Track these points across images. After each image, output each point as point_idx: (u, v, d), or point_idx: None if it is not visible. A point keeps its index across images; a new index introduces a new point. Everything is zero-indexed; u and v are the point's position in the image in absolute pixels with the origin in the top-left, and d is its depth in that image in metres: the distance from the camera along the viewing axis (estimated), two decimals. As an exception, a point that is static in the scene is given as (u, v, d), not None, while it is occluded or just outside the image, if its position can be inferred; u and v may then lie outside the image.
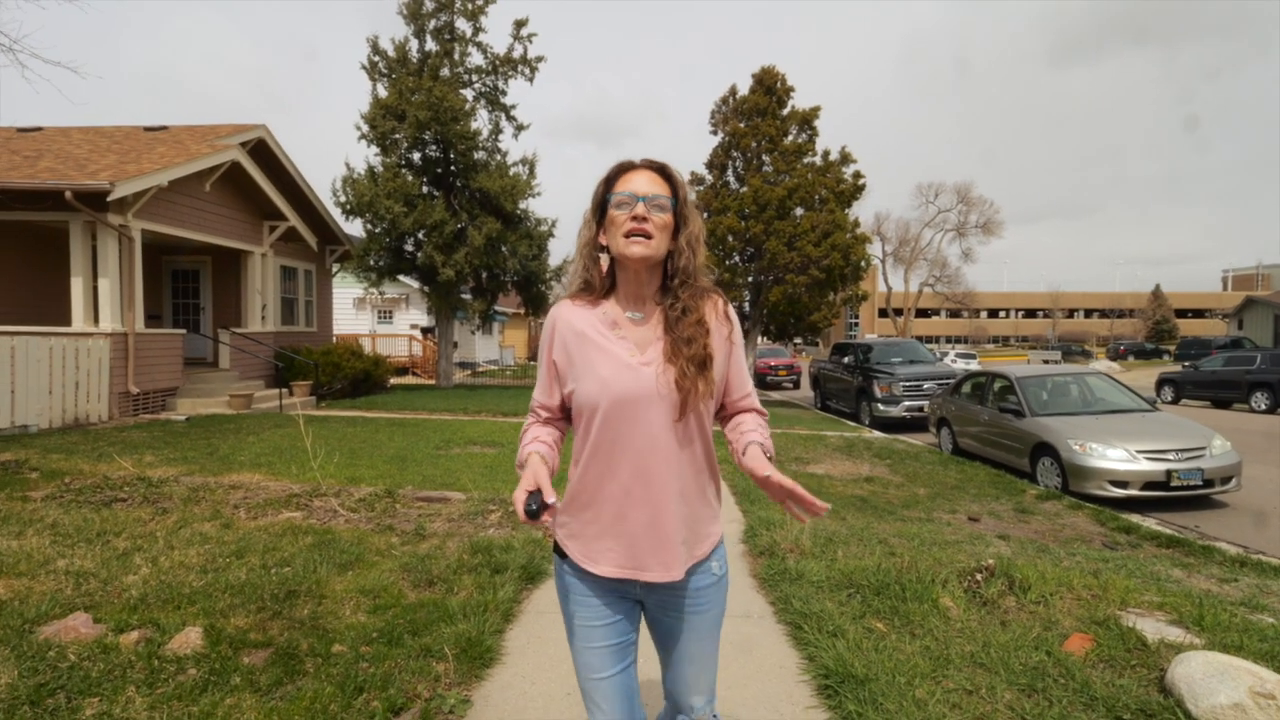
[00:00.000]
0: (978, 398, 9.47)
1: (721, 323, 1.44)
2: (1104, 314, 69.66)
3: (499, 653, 2.95)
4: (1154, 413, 7.94)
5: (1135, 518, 6.21)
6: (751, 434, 1.43)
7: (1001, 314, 76.01)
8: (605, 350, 1.38)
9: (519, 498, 1.25)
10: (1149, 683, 2.60)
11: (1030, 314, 74.43)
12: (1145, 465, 6.70)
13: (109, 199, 9.68)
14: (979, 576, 3.60)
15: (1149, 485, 6.66)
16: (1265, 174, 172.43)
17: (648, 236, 1.35)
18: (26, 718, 2.25)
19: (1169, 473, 6.61)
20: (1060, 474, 7.22)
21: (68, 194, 9.54)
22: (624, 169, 1.42)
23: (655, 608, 1.47)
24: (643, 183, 1.38)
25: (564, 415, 1.50)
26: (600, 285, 1.46)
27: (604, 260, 1.46)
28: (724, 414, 1.53)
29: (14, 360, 8.75)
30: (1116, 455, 6.84)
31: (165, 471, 6.10)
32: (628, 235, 1.35)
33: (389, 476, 6.33)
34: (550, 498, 1.24)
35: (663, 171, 1.41)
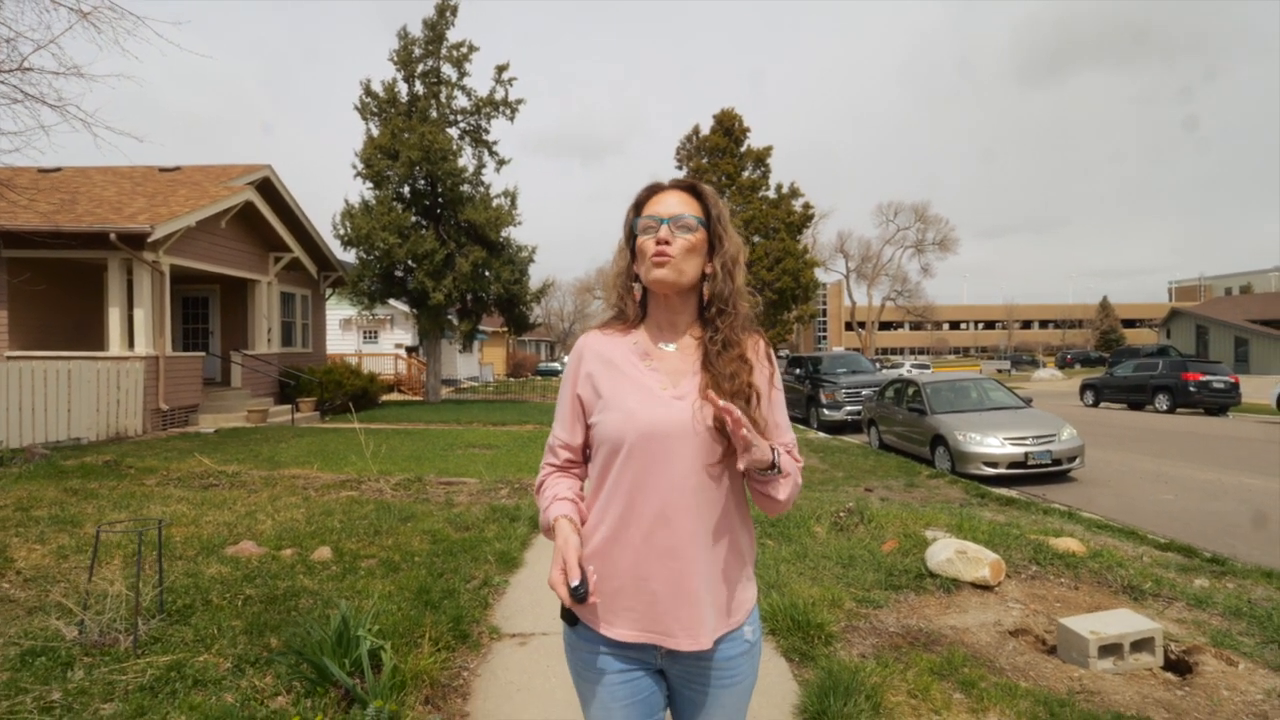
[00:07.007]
0: (896, 401, 11.31)
1: (762, 364, 1.33)
2: (1057, 325, 73.40)
3: (521, 561, 4.58)
4: (1026, 409, 9.84)
5: (1002, 490, 8.00)
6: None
7: (962, 326, 79.54)
8: (634, 380, 1.29)
9: (557, 579, 1.16)
10: (918, 559, 4.32)
11: (990, 325, 77.92)
12: (1010, 449, 8.55)
13: (148, 240, 11.11)
14: (842, 514, 5.32)
15: (1012, 465, 8.50)
16: (1218, 189, 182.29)
17: (669, 258, 1.27)
18: (245, 589, 3.81)
19: (1026, 454, 8.46)
20: (950, 459, 9.04)
21: (112, 235, 10.97)
22: (652, 191, 1.35)
23: (677, 679, 1.31)
24: (669, 203, 1.30)
25: (585, 458, 1.39)
26: (633, 315, 1.38)
27: (637, 289, 1.38)
28: None
29: (70, 382, 10.12)
30: (990, 442, 8.68)
31: (230, 468, 7.58)
32: (653, 258, 1.28)
33: (411, 469, 7.87)
34: (593, 577, 1.15)
35: (692, 190, 1.34)
